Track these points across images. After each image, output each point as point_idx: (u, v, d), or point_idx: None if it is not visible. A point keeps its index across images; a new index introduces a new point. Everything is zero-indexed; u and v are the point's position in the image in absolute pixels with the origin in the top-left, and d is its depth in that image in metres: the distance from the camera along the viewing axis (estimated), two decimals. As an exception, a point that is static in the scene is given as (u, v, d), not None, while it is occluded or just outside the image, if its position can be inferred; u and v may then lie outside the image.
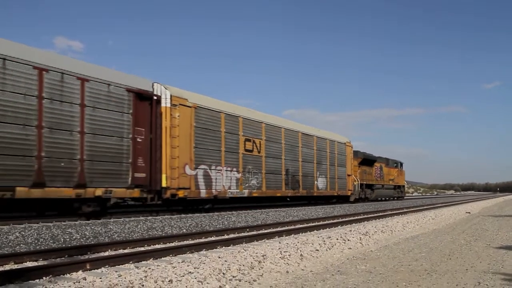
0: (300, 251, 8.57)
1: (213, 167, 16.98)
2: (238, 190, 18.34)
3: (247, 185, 18.96)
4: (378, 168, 36.87)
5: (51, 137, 11.48)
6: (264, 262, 7.38)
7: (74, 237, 9.53)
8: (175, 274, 6.01)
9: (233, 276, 6.32)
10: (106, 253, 8.23)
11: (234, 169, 18.23)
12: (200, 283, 5.74)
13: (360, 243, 10.51)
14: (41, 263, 7.18)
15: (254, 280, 6.29)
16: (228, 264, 6.84)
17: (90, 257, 7.61)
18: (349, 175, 29.64)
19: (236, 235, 11.32)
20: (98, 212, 13.03)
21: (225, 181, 17.58)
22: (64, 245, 8.83)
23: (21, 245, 8.53)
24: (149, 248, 8.94)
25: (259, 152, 19.95)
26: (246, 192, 18.88)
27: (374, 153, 36.38)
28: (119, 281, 5.59)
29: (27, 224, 10.37)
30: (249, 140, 19.27)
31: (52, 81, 11.60)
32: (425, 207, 27.78)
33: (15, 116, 10.80)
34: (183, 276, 5.93)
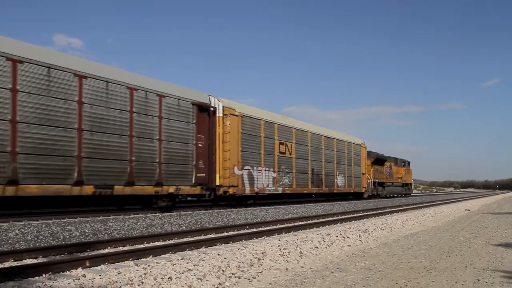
0: (300, 248, 8.58)
1: (255, 168, 19.72)
2: (274, 188, 21.00)
3: (281, 183, 21.65)
4: (388, 167, 39.37)
5: (139, 144, 14.08)
6: (263, 259, 7.39)
7: (73, 235, 9.53)
8: (174, 271, 6.01)
9: (233, 273, 6.33)
10: (106, 251, 8.23)
11: (271, 169, 20.98)
12: (199, 280, 5.74)
13: (360, 240, 10.52)
14: (40, 260, 7.18)
15: (254, 277, 6.30)
16: (228, 261, 6.84)
17: (89, 254, 7.61)
18: (363, 174, 32.33)
19: (236, 232, 11.32)
20: (169, 206, 15.58)
21: (264, 179, 20.33)
22: (63, 243, 8.83)
23: (21, 242, 8.53)
24: (149, 245, 8.95)
25: (290, 154, 22.75)
26: (280, 189, 21.54)
27: (373, 150, 37.78)
28: (118, 278, 5.59)
29: (26, 222, 10.38)
30: (282, 144, 22.08)
31: (139, 98, 14.26)
32: (424, 205, 27.79)
33: (115, 128, 13.35)
34: (183, 273, 5.94)
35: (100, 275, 5.79)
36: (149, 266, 6.33)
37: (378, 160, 36.62)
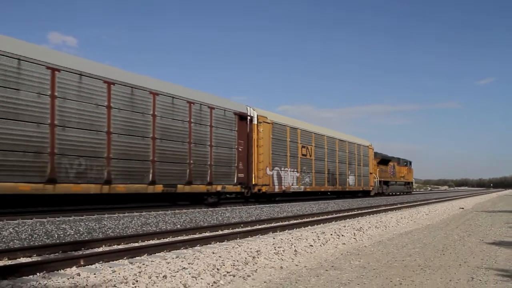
0: (294, 246, 8.59)
1: (282, 169, 22.54)
2: (297, 186, 23.98)
3: (303, 182, 24.59)
4: (392, 167, 42.20)
5: (195, 150, 16.75)
6: (258, 257, 7.39)
7: (68, 233, 9.50)
8: (169, 269, 6.00)
9: (227, 272, 6.33)
10: (100, 249, 8.21)
11: (295, 170, 23.79)
12: (194, 278, 5.74)
13: (354, 238, 10.55)
14: (35, 259, 7.17)
15: (248, 276, 6.30)
16: (223, 260, 6.84)
17: (84, 253, 7.60)
18: (371, 173, 35.35)
19: (231, 230, 11.33)
20: (216, 202, 18.26)
21: (289, 179, 23.14)
22: (58, 241, 8.81)
23: (15, 241, 8.50)
24: (143, 243, 8.93)
25: (310, 156, 25.62)
26: (302, 188, 24.48)
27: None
28: (113, 276, 5.58)
29: (20, 220, 10.34)
30: (304, 147, 25.00)
31: (195, 110, 17.01)
32: (418, 203, 27.89)
33: (178, 136, 15.99)
34: (177, 271, 5.93)
35: (94, 274, 5.78)
36: (143, 264, 6.32)
37: (383, 161, 39.42)
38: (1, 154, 10.87)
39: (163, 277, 5.64)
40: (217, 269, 6.35)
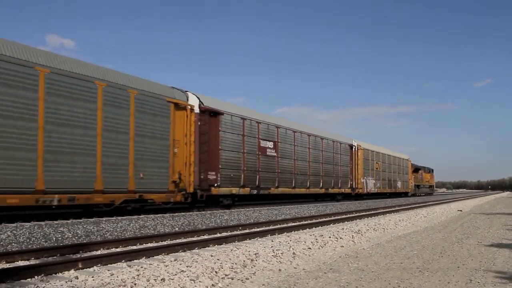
0: (293, 249, 8.59)
1: (367, 177, 35.59)
2: (374, 189, 37.16)
3: (376, 186, 37.63)
4: (421, 174, 57.44)
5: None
6: (256, 260, 7.39)
7: (66, 236, 9.49)
8: (167, 272, 6.00)
9: (226, 275, 6.32)
10: (99, 252, 8.20)
11: (372, 178, 36.89)
12: (192, 281, 5.74)
13: (353, 241, 10.55)
14: (33, 262, 7.15)
15: (247, 279, 6.30)
16: (221, 263, 6.84)
17: (82, 256, 7.58)
18: (409, 179, 49.19)
19: (229, 233, 11.32)
20: (339, 199, 30.83)
21: (370, 184, 36.25)
22: (56, 244, 8.79)
23: (13, 244, 8.48)
24: (142, 246, 8.93)
25: (379, 169, 38.68)
26: (376, 190, 37.61)
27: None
28: (111, 280, 5.57)
29: (18, 223, 10.32)
30: (376, 163, 38.14)
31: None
32: (417, 205, 27.91)
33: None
34: (176, 274, 5.93)
35: (92, 277, 5.77)
36: (142, 267, 6.32)
37: (416, 169, 54.30)
38: None
39: (161, 280, 5.63)
40: (216, 272, 6.34)
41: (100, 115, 13.50)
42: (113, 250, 8.48)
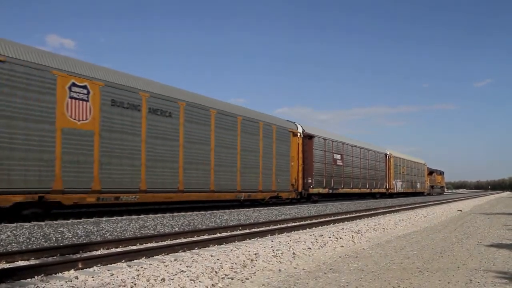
0: (293, 249, 8.59)
1: (396, 180, 43.21)
2: (401, 190, 45.18)
3: (402, 187, 45.66)
4: (434, 176, 66.81)
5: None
6: (256, 260, 7.39)
7: (66, 236, 9.49)
8: (167, 272, 6.00)
9: (226, 275, 6.33)
10: (98, 252, 8.20)
11: (400, 181, 44.89)
12: (192, 281, 5.74)
13: (353, 241, 10.55)
14: (33, 262, 7.14)
15: (247, 279, 6.30)
16: (221, 263, 6.84)
17: (82, 256, 7.58)
18: (425, 181, 58.44)
19: (229, 233, 11.32)
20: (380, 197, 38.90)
21: (398, 186, 44.02)
22: (56, 244, 8.78)
23: (13, 244, 8.48)
24: (142, 246, 8.92)
25: (403, 172, 46.67)
26: (402, 190, 45.60)
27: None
28: (111, 280, 5.57)
29: (18, 223, 10.32)
30: (403, 168, 46.39)
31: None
32: (417, 205, 27.90)
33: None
34: (176, 274, 5.93)
35: (92, 277, 5.77)
36: (142, 267, 6.32)
37: (430, 172, 63.54)
38: None
39: (161, 280, 5.63)
40: (216, 272, 6.34)
41: (261, 144, 21.57)
42: (113, 250, 8.48)
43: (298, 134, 24.89)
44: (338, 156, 30.17)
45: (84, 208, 15.59)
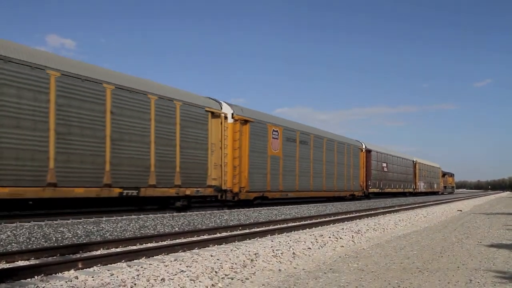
0: (293, 249, 8.59)
1: (419, 182, 54.95)
2: (423, 189, 57.14)
3: (424, 187, 57.36)
4: (446, 177, 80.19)
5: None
6: (256, 260, 7.39)
7: (66, 236, 9.49)
8: (167, 272, 6.00)
9: (226, 275, 6.33)
10: (98, 252, 8.20)
11: (423, 182, 57.26)
12: (192, 281, 5.74)
13: (352, 241, 10.55)
14: (33, 262, 7.14)
15: (247, 279, 6.30)
16: (221, 263, 6.84)
17: (82, 256, 7.59)
18: (440, 182, 70.50)
19: (229, 233, 11.32)
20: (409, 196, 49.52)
21: (422, 186, 56.46)
22: (56, 244, 8.79)
23: (13, 244, 8.48)
24: (142, 246, 8.92)
25: (427, 176, 60.44)
26: (424, 190, 57.25)
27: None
28: (111, 280, 5.57)
29: (18, 223, 10.32)
30: (424, 171, 58.30)
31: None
32: (417, 205, 27.91)
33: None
34: (176, 274, 5.93)
35: (92, 277, 5.77)
36: (141, 267, 6.32)
37: (443, 174, 75.89)
38: None
39: (161, 280, 5.63)
40: (215, 272, 6.34)
41: (345, 159, 32.26)
42: (113, 250, 8.48)
43: (363, 149, 35.97)
44: (385, 165, 41.92)
45: (85, 208, 15.59)
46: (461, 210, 24.45)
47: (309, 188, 26.91)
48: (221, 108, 19.27)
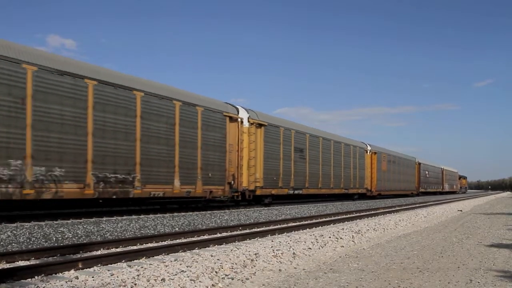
0: (293, 249, 8.59)
1: (446, 183, 73.75)
2: (447, 189, 74.94)
3: (447, 187, 75.04)
4: (461, 180, 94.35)
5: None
6: (257, 260, 7.39)
7: (66, 236, 9.49)
8: (167, 272, 6.00)
9: (226, 275, 6.32)
10: (99, 252, 8.19)
11: (448, 184, 75.65)
12: (192, 281, 5.74)
13: (353, 241, 10.55)
14: (33, 262, 7.14)
15: (247, 279, 6.30)
16: (221, 263, 6.84)
17: (82, 256, 7.58)
18: (457, 183, 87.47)
19: (229, 233, 11.31)
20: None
21: (446, 187, 73.65)
22: (56, 244, 8.78)
23: (13, 244, 8.48)
24: (142, 247, 8.92)
25: (449, 179, 77.16)
26: (447, 189, 74.74)
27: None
28: (111, 280, 5.57)
29: (19, 223, 10.32)
30: (447, 175, 75.49)
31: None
32: (417, 205, 27.89)
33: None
34: (176, 274, 5.93)
35: (93, 277, 5.77)
36: (142, 267, 6.32)
37: (459, 177, 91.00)
38: None
39: (161, 280, 5.63)
40: (216, 272, 6.34)
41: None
42: (113, 250, 8.47)
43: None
44: (427, 172, 55.29)
45: (84, 208, 15.59)
46: (461, 210, 24.45)
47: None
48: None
